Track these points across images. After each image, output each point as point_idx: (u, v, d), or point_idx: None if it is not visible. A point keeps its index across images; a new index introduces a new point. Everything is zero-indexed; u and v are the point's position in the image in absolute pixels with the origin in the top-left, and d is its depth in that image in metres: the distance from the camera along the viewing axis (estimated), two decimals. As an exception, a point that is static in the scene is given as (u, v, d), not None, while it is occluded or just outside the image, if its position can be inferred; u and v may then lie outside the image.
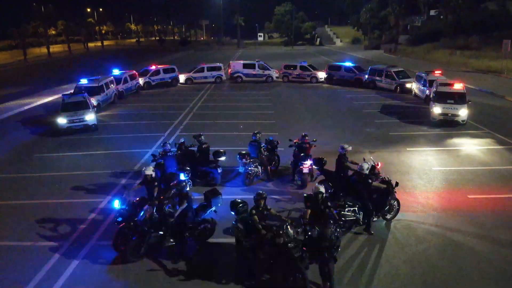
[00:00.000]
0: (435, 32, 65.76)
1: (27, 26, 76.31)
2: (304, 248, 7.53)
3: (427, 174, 13.03)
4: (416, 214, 10.25)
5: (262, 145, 12.35)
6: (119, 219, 8.28)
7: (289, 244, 7.10)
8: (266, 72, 32.99)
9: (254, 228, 7.53)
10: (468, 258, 8.42)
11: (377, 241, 8.99)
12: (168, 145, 11.03)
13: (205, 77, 32.53)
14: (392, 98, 25.53)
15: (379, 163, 10.55)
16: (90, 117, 18.22)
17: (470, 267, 8.13)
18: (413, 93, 25.92)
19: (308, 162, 11.44)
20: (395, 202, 9.76)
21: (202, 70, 32.59)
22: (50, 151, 15.94)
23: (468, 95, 20.01)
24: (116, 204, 8.54)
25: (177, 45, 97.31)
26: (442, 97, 19.09)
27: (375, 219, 9.47)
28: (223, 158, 11.86)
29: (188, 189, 9.57)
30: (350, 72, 30.63)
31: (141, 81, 29.45)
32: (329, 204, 7.98)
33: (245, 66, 33.08)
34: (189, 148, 12.32)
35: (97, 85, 22.54)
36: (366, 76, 29.50)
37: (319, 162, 11.10)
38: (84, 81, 23.03)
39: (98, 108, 21.67)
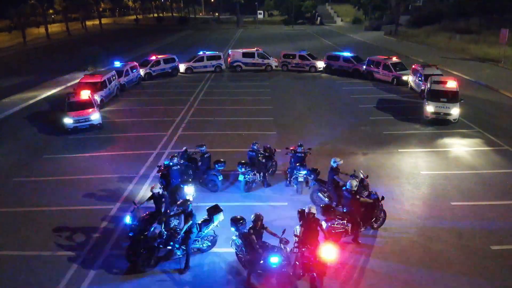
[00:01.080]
0: (436, 14, 65.13)
1: (25, 5, 75.27)
2: (297, 262, 8.50)
3: (415, 178, 13.89)
4: (401, 222, 11.17)
5: (260, 153, 13.12)
6: (131, 233, 9.17)
7: (283, 263, 8.03)
8: (266, 61, 33.33)
9: (251, 245, 8.45)
10: (444, 269, 9.37)
11: (363, 251, 9.94)
12: (176, 159, 11.79)
13: (205, 66, 32.92)
14: (388, 91, 26.07)
15: (368, 176, 11.38)
16: (95, 116, 18.91)
17: (445, 279, 9.08)
18: (409, 86, 26.44)
19: (303, 172, 12.27)
20: (382, 213, 10.66)
21: (201, 59, 32.92)
22: (59, 152, 16.73)
23: (463, 87, 20.64)
24: (128, 219, 9.42)
25: (176, 23, 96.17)
26: (435, 96, 19.68)
27: (362, 229, 10.38)
28: (220, 167, 12.68)
29: (191, 198, 10.52)
30: (348, 63, 30.98)
31: (142, 72, 29.84)
32: (320, 222, 8.88)
33: (245, 55, 33.36)
34: (192, 156, 13.14)
35: (100, 80, 23.05)
36: (364, 67, 29.91)
37: (313, 172, 11.94)
38: (87, 77, 23.56)
39: (102, 104, 22.29)
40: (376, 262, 9.57)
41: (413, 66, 26.33)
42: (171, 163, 11.64)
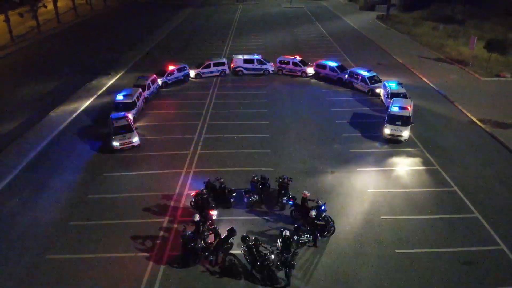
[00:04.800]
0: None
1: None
2: (278, 262, 15.38)
3: (362, 196, 20.46)
4: (344, 232, 17.88)
5: (258, 182, 19.63)
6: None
7: (270, 264, 14.90)
8: (264, 66, 38.91)
9: (253, 254, 15.25)
10: (359, 268, 16.15)
11: (318, 252, 16.77)
12: (204, 191, 18.43)
13: (212, 72, 38.55)
14: (363, 103, 31.96)
15: (325, 203, 17.98)
16: (135, 138, 25.16)
17: (358, 274, 15.89)
18: (380, 98, 32.37)
19: (285, 198, 18.93)
20: (332, 228, 17.40)
21: (209, 66, 38.46)
22: (113, 171, 23.16)
23: (424, 99, 29.34)
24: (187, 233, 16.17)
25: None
26: (392, 119, 25.74)
27: (319, 238, 17.17)
28: (234, 194, 19.28)
29: (214, 217, 17.26)
30: (333, 72, 36.56)
31: (159, 81, 35.47)
32: (290, 240, 15.61)
33: (246, 61, 38.92)
34: (213, 183, 19.67)
35: (131, 101, 28.97)
36: (346, 76, 35.55)
37: (291, 198, 18.60)
38: (120, 97, 29.38)
39: (134, 120, 28.38)
40: (325, 260, 16.42)
41: (384, 83, 32.08)
42: (200, 194, 18.24)
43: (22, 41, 58.87)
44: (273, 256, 15.17)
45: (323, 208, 17.71)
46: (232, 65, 39.40)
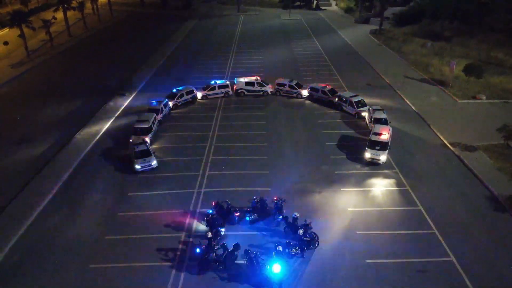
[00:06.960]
0: (418, 13, 72.35)
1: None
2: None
3: (343, 214, 24.86)
4: (326, 245, 22.31)
5: (258, 202, 24.09)
6: (199, 252, 20.43)
7: (267, 272, 19.43)
8: (263, 88, 43.37)
9: (253, 264, 19.73)
10: (338, 277, 20.57)
11: (305, 262, 21.20)
12: (214, 211, 22.92)
13: (216, 94, 43.01)
14: (350, 126, 36.33)
15: (311, 221, 22.42)
16: (153, 162, 29.59)
17: (336, 284, 20.35)
18: (366, 121, 36.75)
19: (280, 217, 23.40)
20: (316, 242, 21.87)
21: (214, 88, 42.89)
22: (136, 190, 27.61)
23: (404, 122, 33.81)
24: (198, 250, 20.62)
25: (180, 7, 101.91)
26: (373, 145, 30.14)
27: (305, 250, 21.63)
28: (237, 214, 23.75)
29: (223, 233, 21.77)
30: (324, 94, 40.96)
31: (170, 103, 39.84)
32: (283, 251, 20.08)
33: (247, 84, 43.37)
34: (221, 204, 24.14)
35: (148, 126, 33.40)
36: (336, 99, 39.95)
37: (284, 218, 23.08)
38: (138, 123, 33.81)
39: (151, 143, 32.78)
40: (310, 269, 20.86)
41: (368, 107, 36.47)
42: (212, 213, 22.74)
43: (37, 56, 63.27)
44: (268, 266, 19.67)
45: (309, 226, 22.14)
46: (234, 87, 43.79)
